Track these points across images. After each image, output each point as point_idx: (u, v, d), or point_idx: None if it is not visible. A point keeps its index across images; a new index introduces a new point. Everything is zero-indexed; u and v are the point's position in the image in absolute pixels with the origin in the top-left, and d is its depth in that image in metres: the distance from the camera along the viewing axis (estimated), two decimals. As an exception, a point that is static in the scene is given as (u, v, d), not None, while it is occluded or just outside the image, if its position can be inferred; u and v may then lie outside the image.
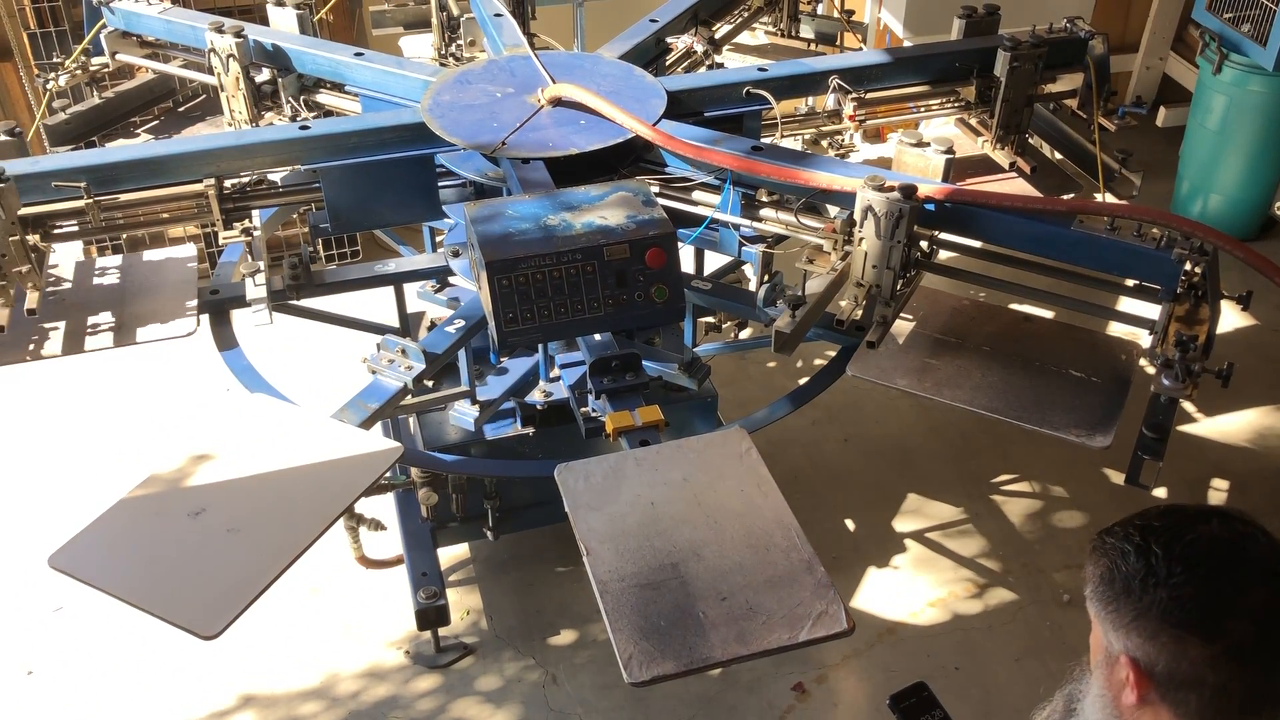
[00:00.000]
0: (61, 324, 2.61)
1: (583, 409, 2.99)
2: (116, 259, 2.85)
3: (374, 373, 2.57)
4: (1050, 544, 3.62)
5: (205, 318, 2.78)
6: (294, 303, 2.90)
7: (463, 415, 3.03)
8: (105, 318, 2.65)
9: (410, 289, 3.38)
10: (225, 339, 2.87)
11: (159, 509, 2.07)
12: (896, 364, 2.49)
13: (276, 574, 1.99)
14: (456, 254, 2.92)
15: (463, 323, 2.70)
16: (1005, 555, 3.58)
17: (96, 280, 2.78)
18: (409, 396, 2.58)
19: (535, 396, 3.19)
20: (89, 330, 2.62)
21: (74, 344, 2.58)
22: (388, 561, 3.52)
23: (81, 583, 1.94)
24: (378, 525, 3.36)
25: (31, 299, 2.49)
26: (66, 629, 3.34)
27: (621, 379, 2.48)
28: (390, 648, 3.31)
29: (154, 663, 3.22)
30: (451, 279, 3.19)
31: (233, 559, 2.01)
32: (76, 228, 2.57)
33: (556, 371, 3.12)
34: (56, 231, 2.56)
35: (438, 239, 3.35)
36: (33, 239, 2.46)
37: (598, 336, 2.69)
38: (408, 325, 3.43)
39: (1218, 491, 3.83)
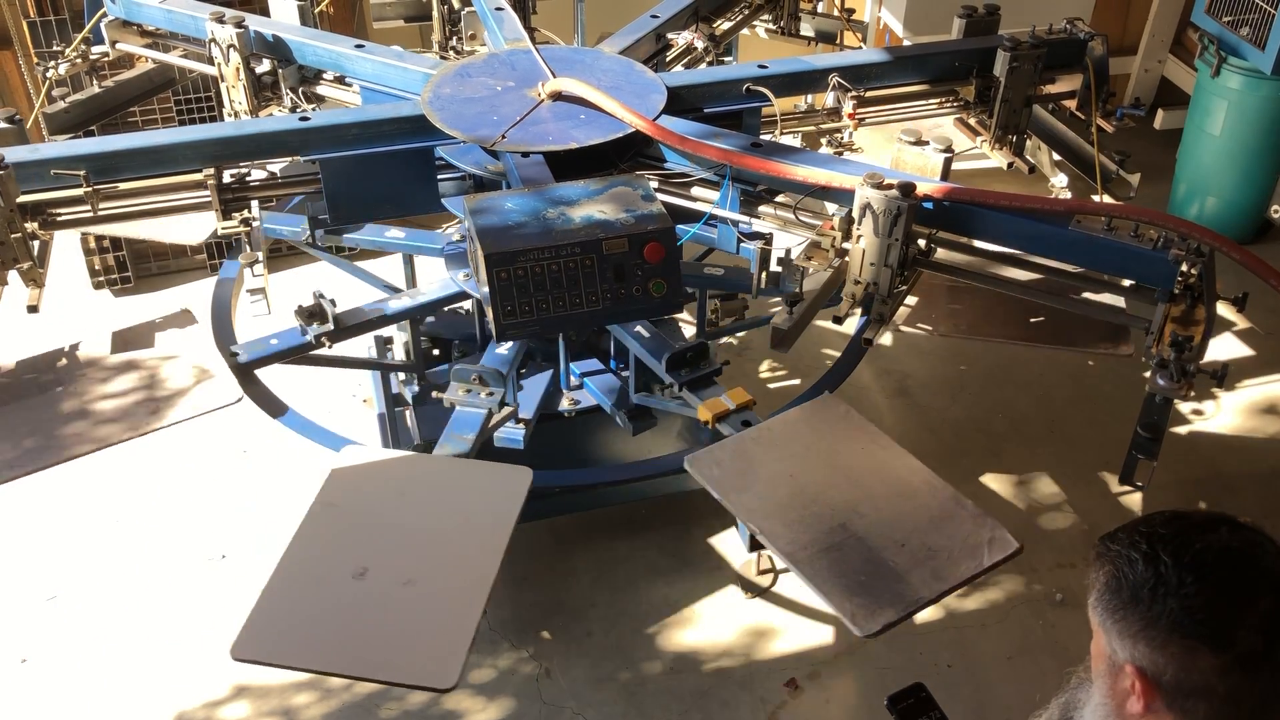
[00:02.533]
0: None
1: (619, 410, 3.04)
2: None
3: (452, 405, 2.61)
4: (1043, 543, 3.63)
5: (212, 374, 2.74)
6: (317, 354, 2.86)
7: (511, 436, 2.97)
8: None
9: (422, 277, 3.37)
10: (272, 404, 2.82)
11: (320, 577, 1.98)
12: (927, 312, 2.53)
13: (481, 608, 2.00)
14: (457, 266, 2.93)
15: (408, 301, 2.73)
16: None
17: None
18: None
19: (565, 405, 3.22)
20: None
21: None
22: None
23: (281, 668, 1.89)
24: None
25: (32, 296, 2.49)
26: (60, 617, 3.34)
27: (698, 368, 2.65)
28: (384, 639, 3.31)
29: (148, 653, 3.22)
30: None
31: (425, 608, 1.98)
32: (75, 216, 2.57)
33: (575, 380, 3.16)
34: (59, 219, 2.56)
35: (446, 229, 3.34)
36: (31, 226, 2.46)
37: (645, 333, 2.76)
38: (420, 355, 3.38)
39: (1210, 493, 3.84)
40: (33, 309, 2.50)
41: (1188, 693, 1.24)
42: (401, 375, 3.38)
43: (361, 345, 3.68)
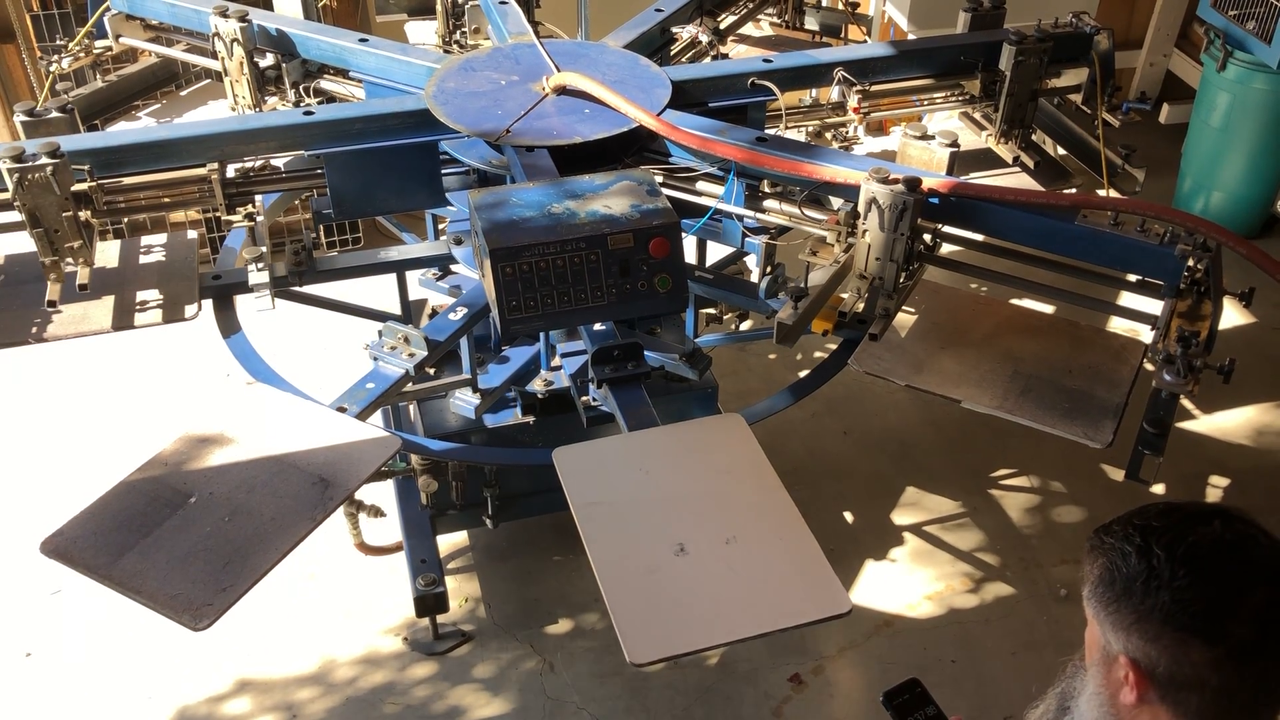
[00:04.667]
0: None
1: (583, 398, 2.99)
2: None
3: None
4: (1048, 539, 3.63)
5: (208, 303, 2.77)
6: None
7: (464, 403, 3.03)
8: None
9: (412, 276, 3.38)
10: (229, 324, 2.86)
11: (649, 567, 1.95)
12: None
13: (810, 535, 1.98)
14: (459, 241, 2.91)
15: (465, 310, 2.69)
16: (1003, 549, 3.59)
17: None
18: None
19: (536, 385, 3.18)
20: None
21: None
22: (387, 548, 3.52)
23: (690, 654, 1.87)
24: (377, 512, 3.36)
25: (83, 274, 2.49)
26: (64, 612, 3.34)
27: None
28: (388, 634, 3.31)
29: (151, 647, 3.23)
30: (454, 266, 3.19)
31: (764, 555, 1.96)
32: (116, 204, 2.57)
33: (557, 360, 3.12)
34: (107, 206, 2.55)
35: (440, 226, 3.34)
36: (84, 215, 2.45)
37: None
38: (409, 312, 3.42)
39: (1216, 489, 3.84)
40: (83, 287, 2.50)
41: (1180, 684, 1.24)
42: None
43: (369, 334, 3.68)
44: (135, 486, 2.11)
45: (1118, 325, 4.26)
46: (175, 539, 2.01)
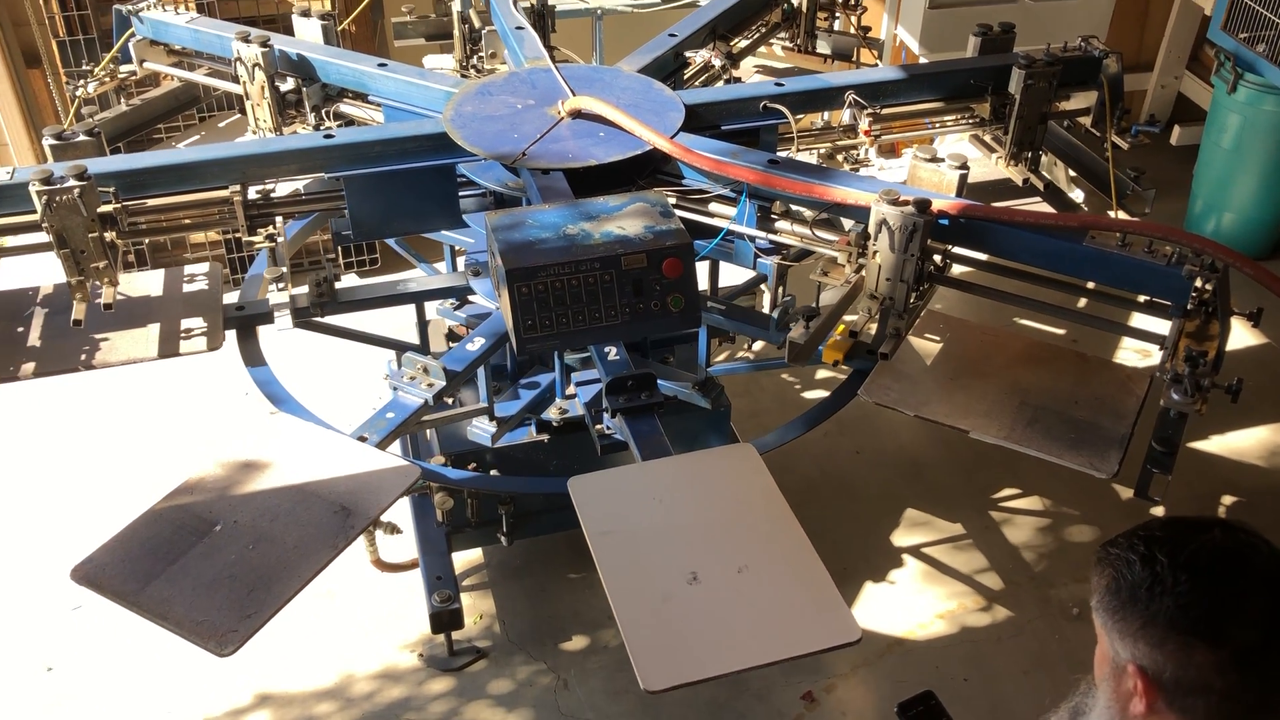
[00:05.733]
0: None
1: (597, 426, 3.03)
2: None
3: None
4: (1060, 558, 3.64)
5: (232, 333, 2.82)
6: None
7: (480, 432, 3.07)
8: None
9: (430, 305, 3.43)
10: (252, 355, 2.91)
11: (662, 595, 1.99)
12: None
13: (820, 564, 2.02)
14: (477, 273, 2.97)
15: (483, 341, 2.75)
16: (1015, 568, 3.60)
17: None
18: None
19: (551, 414, 3.23)
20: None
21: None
22: (403, 565, 3.56)
23: (701, 682, 1.92)
24: (394, 529, 3.38)
25: (108, 294, 2.55)
26: (85, 627, 3.38)
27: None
28: (405, 650, 3.34)
29: (172, 661, 3.26)
30: (471, 297, 3.24)
31: (775, 584, 2.02)
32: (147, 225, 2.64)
33: (572, 389, 3.16)
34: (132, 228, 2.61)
35: (458, 257, 3.40)
36: (109, 236, 2.50)
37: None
38: (427, 342, 3.47)
39: (1226, 509, 3.85)
40: (108, 307, 2.56)
41: (1187, 689, 1.27)
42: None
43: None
44: (162, 514, 2.16)
45: (1127, 345, 4.29)
46: (201, 566, 2.06)
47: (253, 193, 2.65)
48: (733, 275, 3.63)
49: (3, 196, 2.52)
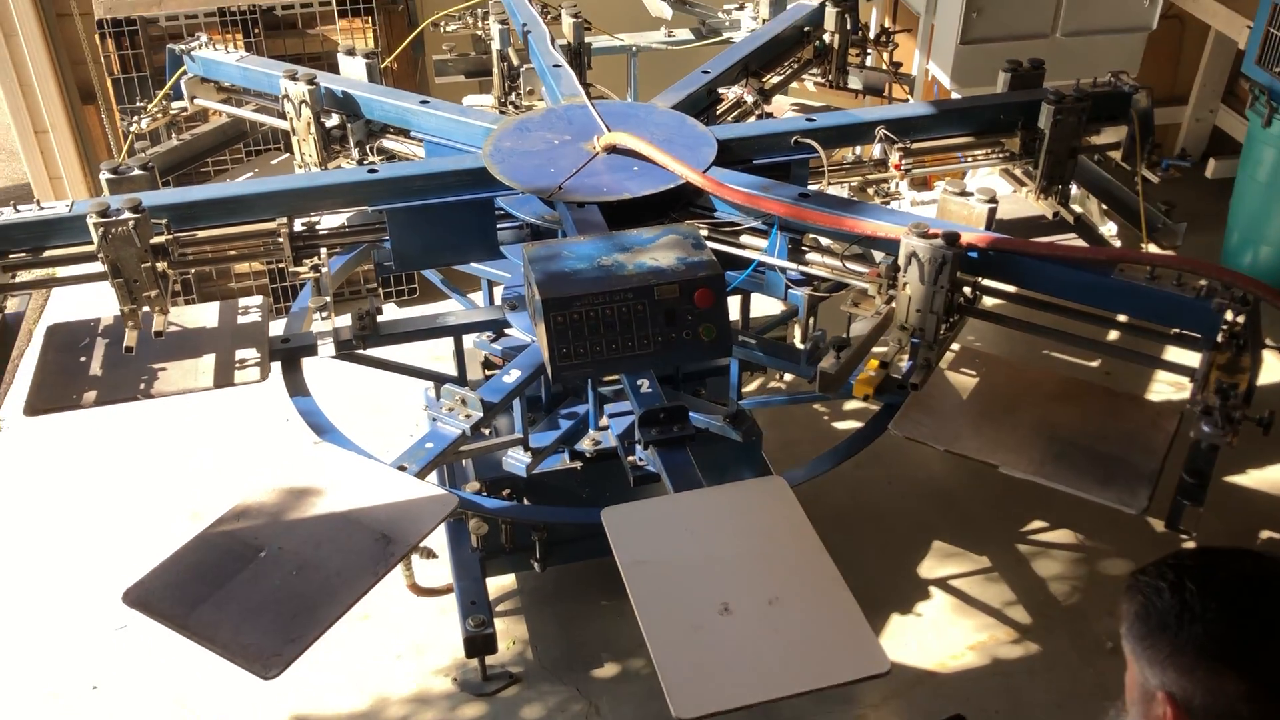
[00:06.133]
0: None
1: (629, 458, 3.08)
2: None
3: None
4: (1092, 591, 3.63)
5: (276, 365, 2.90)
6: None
7: (515, 462, 3.13)
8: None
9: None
10: (296, 386, 3.00)
11: (693, 625, 2.04)
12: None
13: (850, 597, 2.07)
14: (514, 307, 3.03)
15: (519, 373, 2.81)
16: (1047, 601, 3.60)
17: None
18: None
19: (585, 444, 3.28)
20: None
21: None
22: (438, 590, 3.61)
23: (733, 711, 1.95)
24: (429, 554, 3.45)
25: (159, 322, 2.64)
26: (130, 647, 3.45)
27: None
28: (438, 674, 3.39)
29: (212, 682, 3.33)
30: (507, 330, 3.31)
31: (805, 615, 2.07)
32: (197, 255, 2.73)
33: (605, 420, 3.22)
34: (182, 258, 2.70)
35: (495, 289, 3.47)
36: (161, 266, 2.59)
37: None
38: (465, 373, 3.53)
39: (1259, 541, 3.82)
40: (159, 334, 2.65)
41: (1216, 717, 1.28)
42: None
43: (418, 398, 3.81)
44: (209, 540, 2.23)
45: (1161, 377, 4.28)
46: (247, 591, 2.12)
47: (298, 225, 2.74)
48: (764, 306, 3.67)
49: (62, 228, 2.61)
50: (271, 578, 2.14)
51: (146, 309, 2.60)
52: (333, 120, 3.19)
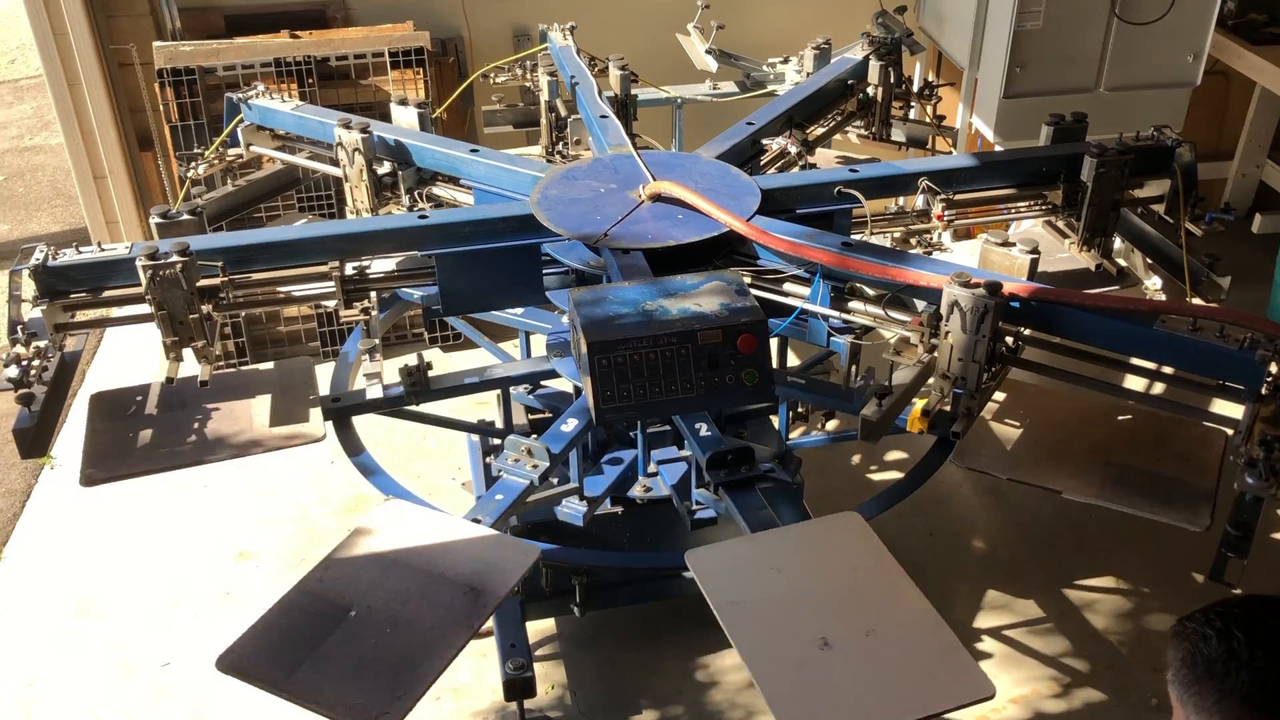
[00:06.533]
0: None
1: (685, 502, 3.10)
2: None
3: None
4: (1138, 645, 3.58)
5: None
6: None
7: (572, 511, 3.17)
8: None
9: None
10: (352, 445, 3.07)
11: (796, 662, 2.07)
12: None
13: (946, 626, 2.13)
14: (560, 354, 3.08)
15: (576, 422, 2.86)
16: (1090, 655, 3.55)
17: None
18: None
19: (636, 491, 3.31)
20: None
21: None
22: (479, 632, 3.62)
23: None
24: (470, 597, 3.46)
25: (204, 371, 2.70)
26: (173, 684, 3.49)
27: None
28: (477, 717, 3.39)
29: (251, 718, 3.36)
30: (545, 382, 3.35)
31: (904, 644, 2.12)
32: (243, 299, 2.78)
33: (654, 466, 3.25)
34: (228, 301, 2.74)
35: (531, 339, 3.53)
36: (207, 308, 2.65)
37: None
38: (511, 425, 3.58)
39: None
40: (204, 384, 2.70)
41: None
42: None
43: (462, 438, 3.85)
44: (295, 603, 2.23)
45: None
46: (343, 651, 2.12)
47: (349, 269, 2.80)
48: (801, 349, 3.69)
49: (120, 269, 2.68)
50: (366, 637, 2.14)
51: (193, 356, 2.66)
52: (384, 168, 3.27)
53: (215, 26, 4.91)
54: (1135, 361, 2.54)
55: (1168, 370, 2.57)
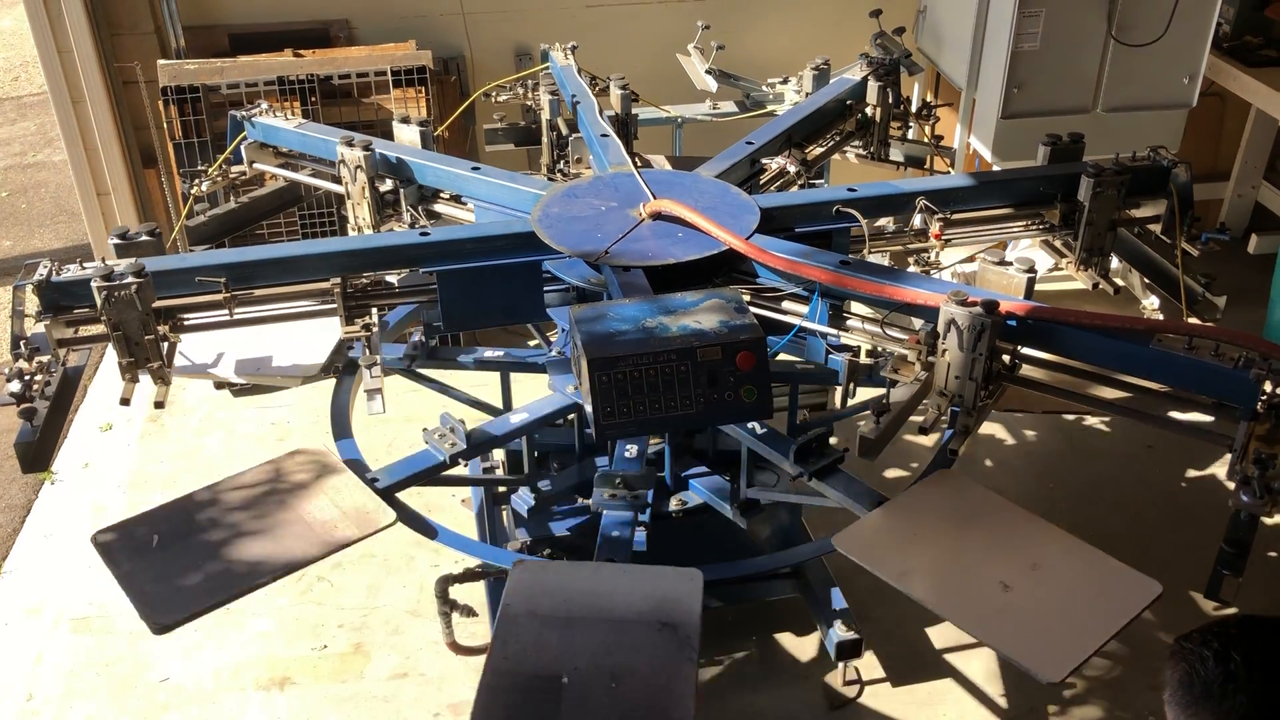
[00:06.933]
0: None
1: (734, 504, 3.19)
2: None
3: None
4: (1134, 666, 3.58)
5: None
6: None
7: (520, 501, 3.30)
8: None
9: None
10: (410, 517, 2.82)
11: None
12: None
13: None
14: (558, 370, 3.12)
15: (526, 415, 2.91)
16: (1089, 673, 3.55)
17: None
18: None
19: (673, 505, 3.34)
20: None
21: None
22: (478, 649, 3.61)
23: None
24: (470, 611, 3.46)
25: (160, 393, 2.70)
26: (170, 699, 3.49)
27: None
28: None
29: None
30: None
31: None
32: (202, 319, 2.76)
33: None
34: (187, 323, 2.75)
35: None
36: (163, 329, 2.65)
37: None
38: (510, 408, 3.59)
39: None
40: (159, 404, 2.71)
41: None
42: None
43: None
44: (498, 685, 2.09)
45: (1198, 445, 4.25)
46: (578, 715, 2.01)
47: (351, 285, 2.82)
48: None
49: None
50: (593, 699, 2.03)
51: (148, 377, 2.66)
52: (386, 185, 3.29)
53: (219, 45, 4.95)
54: (1130, 380, 2.56)
55: (1162, 388, 2.58)
